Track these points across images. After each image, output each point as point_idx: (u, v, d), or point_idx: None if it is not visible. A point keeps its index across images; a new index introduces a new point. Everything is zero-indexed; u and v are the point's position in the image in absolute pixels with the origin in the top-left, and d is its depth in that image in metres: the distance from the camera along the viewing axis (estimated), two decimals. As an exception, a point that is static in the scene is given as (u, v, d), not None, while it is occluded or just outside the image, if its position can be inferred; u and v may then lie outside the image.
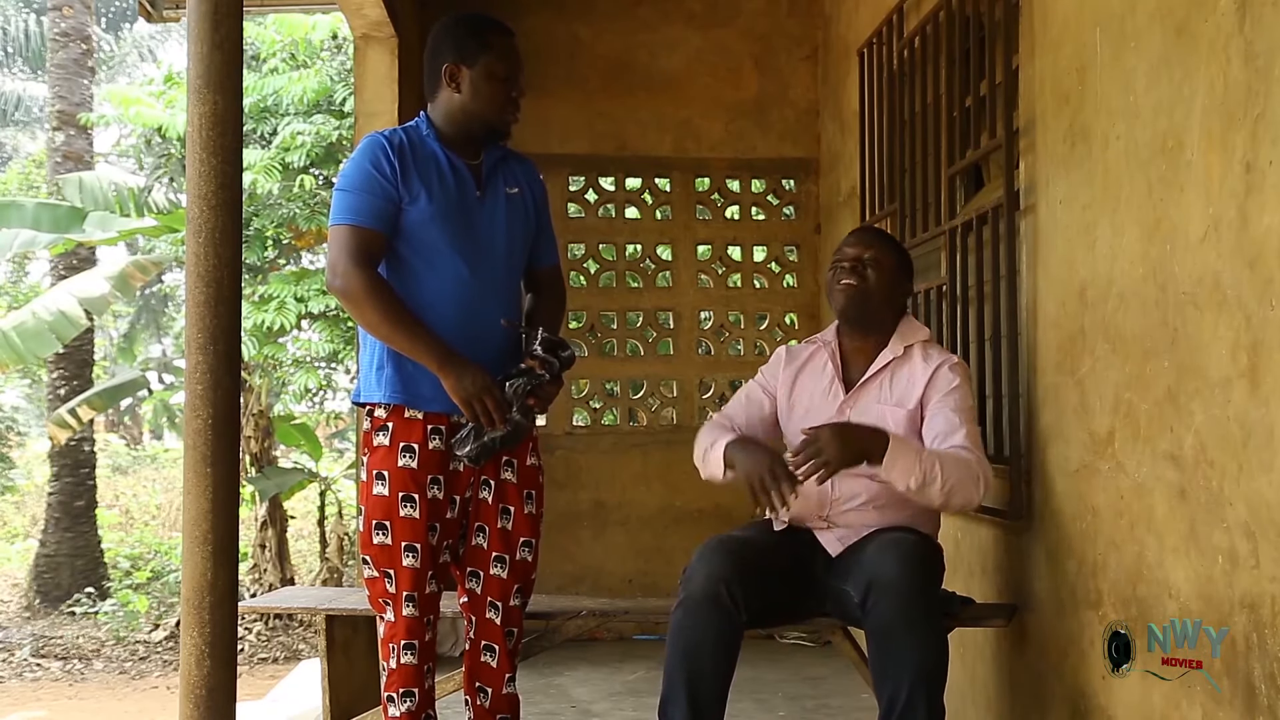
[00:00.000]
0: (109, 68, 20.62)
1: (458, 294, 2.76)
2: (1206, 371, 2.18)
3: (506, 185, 2.88)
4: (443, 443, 2.76)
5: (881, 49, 4.54)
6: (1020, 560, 3.16)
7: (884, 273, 2.99)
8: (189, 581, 2.26)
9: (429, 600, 2.77)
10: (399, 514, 2.72)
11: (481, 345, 2.77)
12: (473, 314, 2.77)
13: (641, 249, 6.06)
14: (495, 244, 2.83)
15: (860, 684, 3.84)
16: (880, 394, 2.96)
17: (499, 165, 2.89)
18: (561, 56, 5.76)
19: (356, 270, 2.67)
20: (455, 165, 2.82)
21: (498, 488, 2.85)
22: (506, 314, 2.84)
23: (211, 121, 2.25)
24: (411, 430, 2.75)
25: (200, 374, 2.25)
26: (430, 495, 2.74)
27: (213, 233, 2.25)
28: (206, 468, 2.25)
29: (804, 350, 3.14)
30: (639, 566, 5.55)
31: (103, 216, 9.20)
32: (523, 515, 2.87)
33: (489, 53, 2.79)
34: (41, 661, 8.53)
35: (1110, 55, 2.61)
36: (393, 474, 2.73)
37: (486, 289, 2.80)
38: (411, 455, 2.74)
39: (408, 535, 2.72)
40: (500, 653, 2.86)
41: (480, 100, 2.80)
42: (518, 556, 2.86)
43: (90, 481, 10.79)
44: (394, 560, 2.73)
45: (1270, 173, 1.98)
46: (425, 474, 2.74)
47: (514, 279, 2.92)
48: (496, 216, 2.84)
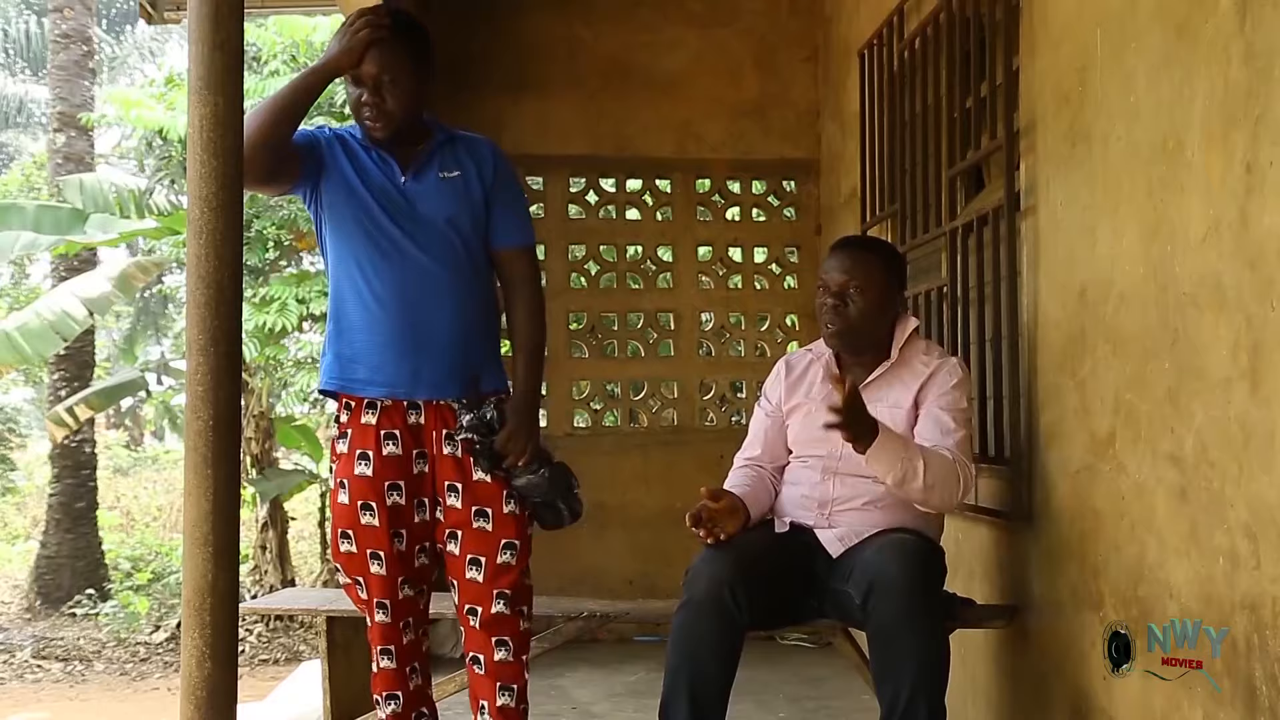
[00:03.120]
0: (110, 69, 20.62)
1: (391, 284, 2.71)
2: (1207, 372, 2.18)
3: (443, 170, 2.79)
4: (398, 448, 2.72)
5: (882, 50, 4.54)
6: (1021, 561, 3.16)
7: (871, 295, 2.93)
8: (190, 583, 2.26)
9: (403, 605, 2.75)
10: (360, 522, 2.72)
11: (422, 339, 2.72)
12: (408, 304, 2.71)
13: (642, 250, 6.06)
14: (428, 230, 2.74)
15: (861, 685, 3.84)
16: (878, 399, 2.94)
17: (439, 150, 2.81)
18: (562, 57, 5.77)
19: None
20: (380, 155, 2.77)
21: (467, 489, 2.75)
22: (453, 306, 2.74)
23: (212, 123, 2.25)
24: (365, 436, 2.73)
25: (201, 375, 2.24)
26: (390, 502, 2.71)
27: (214, 234, 2.25)
28: (207, 469, 2.24)
29: (802, 359, 3.13)
30: (639, 568, 5.54)
31: (104, 218, 9.21)
32: (502, 515, 2.76)
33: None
34: (42, 663, 8.53)
35: (1111, 56, 2.61)
36: (351, 483, 2.73)
37: (424, 279, 2.72)
38: (367, 463, 2.72)
39: (370, 543, 2.71)
40: (486, 663, 2.76)
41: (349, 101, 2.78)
42: (499, 560, 2.74)
43: (91, 483, 10.79)
44: (362, 568, 2.73)
45: (1271, 173, 1.98)
46: (382, 481, 2.71)
47: (462, 268, 2.77)
48: (427, 200, 2.76)
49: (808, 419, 3.00)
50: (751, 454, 3.09)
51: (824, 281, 2.97)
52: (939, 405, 2.89)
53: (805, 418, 3.01)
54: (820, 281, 2.99)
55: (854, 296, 2.92)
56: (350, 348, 2.74)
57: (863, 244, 3.15)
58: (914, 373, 2.94)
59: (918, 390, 2.92)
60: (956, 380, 2.93)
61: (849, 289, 2.92)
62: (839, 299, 2.93)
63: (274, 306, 8.48)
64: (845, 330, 2.94)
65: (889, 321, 2.99)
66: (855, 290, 2.92)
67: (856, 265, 2.95)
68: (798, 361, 3.13)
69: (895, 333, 2.98)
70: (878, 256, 3.02)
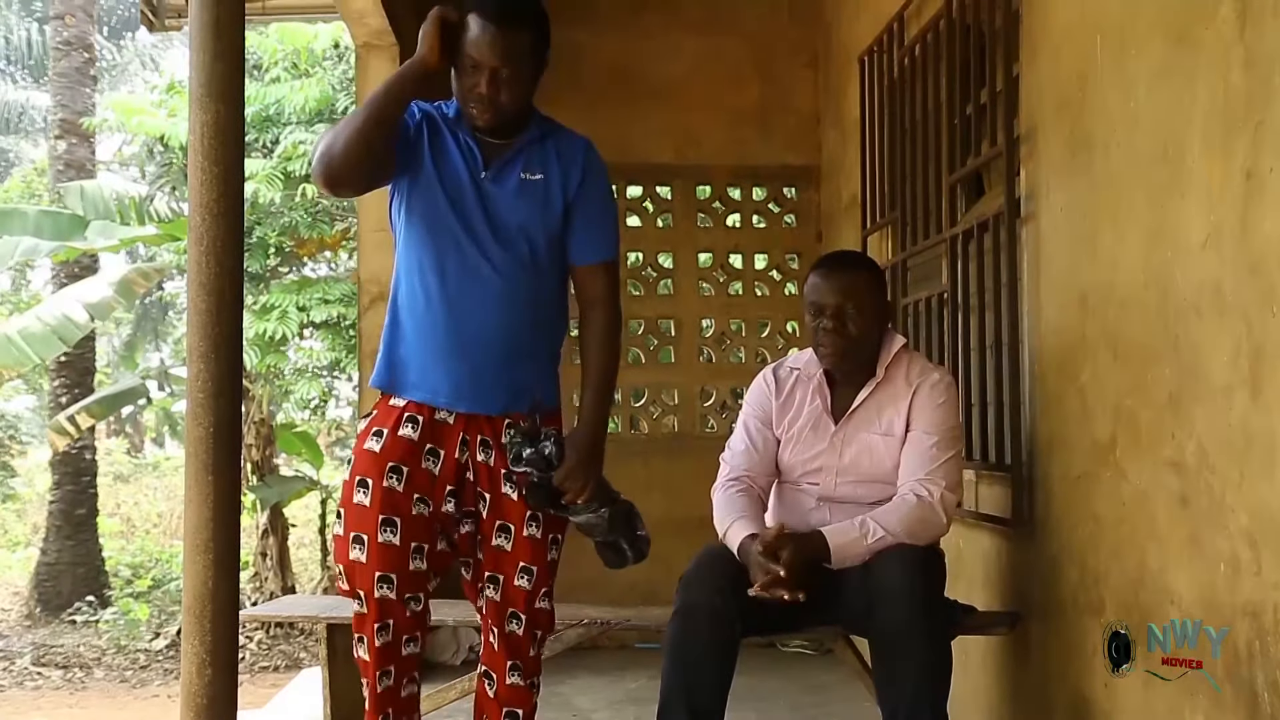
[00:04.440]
0: (111, 76, 20.63)
1: (449, 286, 2.56)
2: (1208, 378, 2.18)
3: (526, 170, 2.61)
4: (414, 432, 2.56)
5: (882, 57, 4.55)
6: (1022, 568, 3.16)
7: (867, 314, 2.88)
8: (190, 590, 2.26)
9: (382, 606, 2.52)
10: (351, 500, 2.55)
11: (467, 348, 2.56)
12: (462, 309, 2.56)
13: (643, 257, 6.06)
14: (500, 234, 2.58)
15: (863, 692, 3.83)
16: (870, 423, 2.91)
17: (526, 147, 2.63)
18: (562, 63, 5.69)
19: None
20: (467, 143, 2.61)
21: (494, 502, 2.62)
22: (507, 318, 2.57)
23: (213, 130, 2.25)
24: (388, 416, 2.58)
25: (202, 383, 2.25)
26: (387, 484, 2.52)
27: (214, 241, 2.26)
28: (208, 476, 2.24)
29: (788, 377, 3.04)
30: (641, 574, 5.49)
31: (105, 225, 9.20)
32: (521, 537, 2.61)
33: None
34: (42, 670, 8.51)
35: (1111, 63, 2.61)
36: (358, 457, 2.58)
37: (483, 285, 2.56)
38: (379, 439, 2.56)
39: (354, 525, 2.53)
40: (498, 684, 2.67)
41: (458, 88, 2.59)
42: (515, 582, 2.63)
43: (92, 490, 10.78)
44: (342, 554, 2.56)
45: (1271, 180, 1.98)
46: (385, 460, 2.53)
47: (526, 279, 2.60)
48: (502, 202, 2.59)
49: (799, 447, 2.97)
50: (745, 471, 2.98)
51: (817, 304, 2.89)
52: (924, 429, 2.86)
53: (796, 446, 2.97)
54: (812, 304, 2.91)
55: (853, 317, 2.86)
56: (403, 348, 2.60)
57: (852, 262, 3.06)
58: (902, 392, 2.90)
59: (908, 413, 2.88)
60: (943, 399, 2.88)
61: (846, 309, 2.86)
62: (838, 320, 2.87)
63: (275, 314, 8.48)
64: (847, 352, 2.89)
65: (880, 337, 2.95)
66: (854, 310, 2.86)
67: (851, 285, 2.89)
68: (785, 379, 3.04)
69: (882, 351, 2.94)
70: (867, 275, 2.97)
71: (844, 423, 2.93)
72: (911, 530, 2.73)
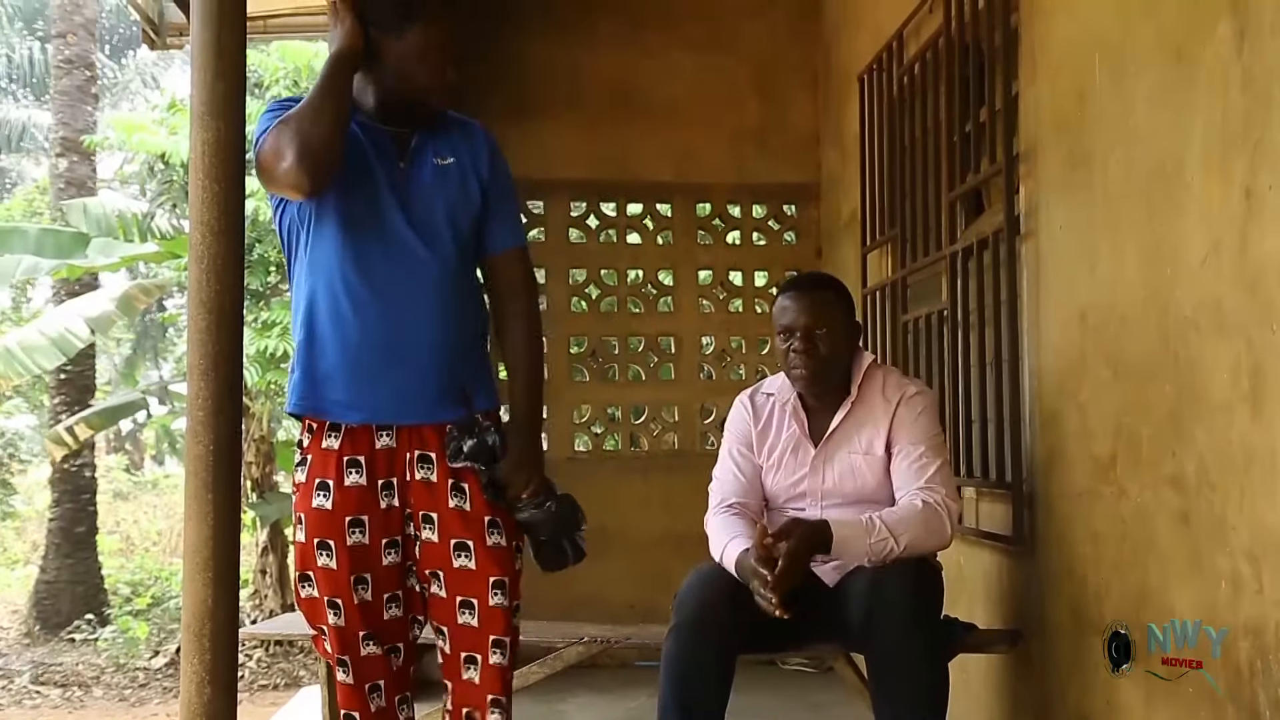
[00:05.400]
0: (112, 94, 20.70)
1: (375, 284, 2.39)
2: (1208, 395, 2.18)
3: (437, 155, 2.47)
4: (363, 477, 2.37)
5: (881, 75, 4.56)
6: (1023, 585, 3.15)
7: (837, 335, 2.89)
8: (189, 608, 2.25)
9: (367, 665, 2.40)
10: (317, 564, 2.38)
11: (405, 348, 2.39)
12: (393, 307, 2.39)
13: (643, 274, 6.06)
14: (423, 225, 2.42)
15: (864, 711, 3.80)
16: (849, 443, 2.91)
17: (432, 133, 2.49)
18: (563, 82, 5.78)
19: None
20: (376, 134, 2.44)
21: (443, 521, 2.41)
22: (443, 311, 2.41)
23: (214, 148, 2.26)
24: (326, 464, 2.38)
25: (202, 400, 2.24)
26: (352, 541, 2.36)
27: (215, 259, 2.25)
28: (208, 494, 2.24)
29: (765, 404, 3.04)
30: (640, 592, 5.51)
31: (106, 242, 9.22)
32: (485, 549, 2.41)
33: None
34: (41, 688, 8.48)
35: (1110, 81, 2.62)
36: (309, 518, 2.39)
37: (412, 279, 2.40)
38: (326, 495, 2.37)
39: (329, 589, 2.38)
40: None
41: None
42: (491, 602, 2.40)
43: (91, 507, 10.77)
44: (320, 616, 2.41)
45: (1270, 198, 1.99)
46: (343, 516, 2.36)
47: (453, 270, 2.45)
48: (421, 191, 2.44)
49: (781, 473, 2.97)
50: (737, 497, 2.96)
51: (786, 327, 2.89)
52: (910, 441, 2.85)
53: (778, 473, 2.97)
54: (781, 327, 2.90)
55: (822, 338, 2.87)
56: (324, 362, 2.40)
57: (817, 283, 3.03)
58: (879, 410, 2.90)
59: (888, 431, 2.88)
60: (923, 408, 2.89)
61: (815, 332, 2.87)
62: (808, 341, 2.87)
63: (275, 331, 8.49)
64: (819, 374, 2.89)
65: (850, 357, 2.95)
66: (823, 332, 2.87)
67: (817, 306, 2.89)
68: (761, 406, 3.04)
69: (853, 369, 2.94)
70: (835, 294, 2.96)
71: (824, 445, 2.93)
72: (916, 535, 2.71)
